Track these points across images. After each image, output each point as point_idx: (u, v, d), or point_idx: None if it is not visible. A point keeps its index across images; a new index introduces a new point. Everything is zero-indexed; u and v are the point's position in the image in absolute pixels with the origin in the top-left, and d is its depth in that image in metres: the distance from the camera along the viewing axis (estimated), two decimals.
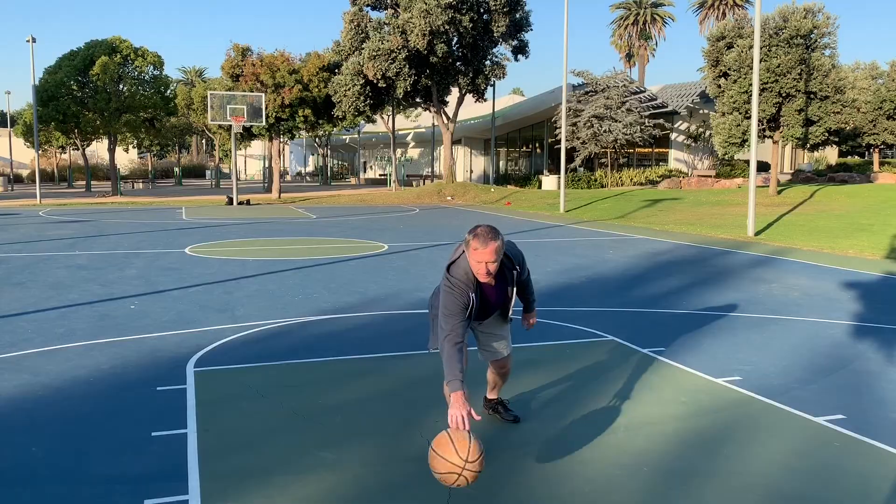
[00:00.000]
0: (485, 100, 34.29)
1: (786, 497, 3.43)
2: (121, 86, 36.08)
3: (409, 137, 51.22)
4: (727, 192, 26.24)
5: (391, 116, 38.85)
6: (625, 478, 3.64)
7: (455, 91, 33.11)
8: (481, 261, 3.55)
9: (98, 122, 36.18)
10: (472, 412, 3.30)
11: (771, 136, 23.77)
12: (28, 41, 29.41)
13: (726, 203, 22.64)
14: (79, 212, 23.48)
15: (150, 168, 58.44)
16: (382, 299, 8.30)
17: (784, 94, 22.46)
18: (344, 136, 57.34)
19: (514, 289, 3.96)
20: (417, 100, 33.26)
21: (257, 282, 9.52)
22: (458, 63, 31.21)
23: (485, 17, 29.83)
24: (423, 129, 48.04)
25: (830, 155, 40.59)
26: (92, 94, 35.24)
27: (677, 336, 6.59)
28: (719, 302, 8.24)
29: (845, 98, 23.17)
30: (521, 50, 31.82)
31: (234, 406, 4.67)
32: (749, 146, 19.77)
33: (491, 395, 4.49)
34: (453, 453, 3.11)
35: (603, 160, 36.79)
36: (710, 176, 33.80)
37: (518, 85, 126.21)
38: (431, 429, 4.28)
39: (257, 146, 68.10)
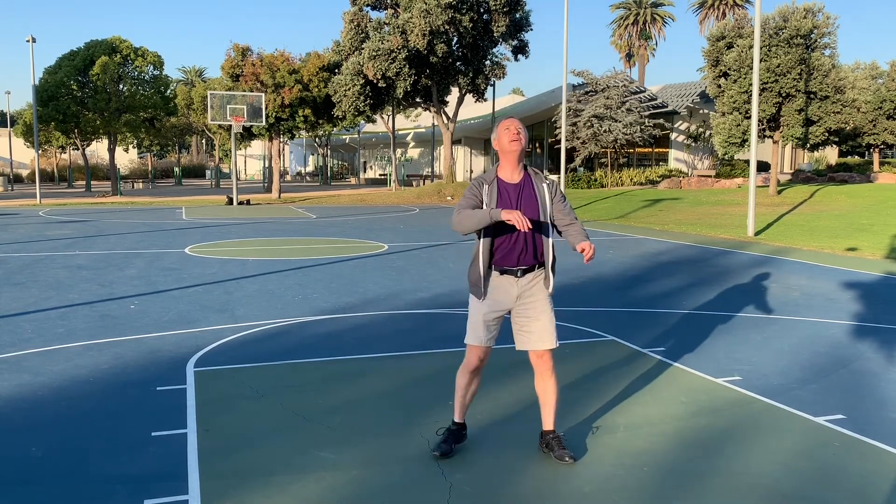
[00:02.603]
0: (485, 100, 34.29)
1: (786, 497, 3.43)
2: (121, 86, 36.10)
3: (409, 137, 51.24)
4: (727, 192, 26.24)
5: (391, 116, 38.87)
6: (625, 478, 3.64)
7: (455, 91, 33.11)
8: (510, 126, 3.71)
9: (98, 122, 36.20)
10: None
11: (771, 136, 23.77)
12: (28, 41, 29.42)
13: (726, 203, 22.64)
14: (79, 212, 23.48)
15: (150, 168, 58.46)
16: (382, 299, 8.30)
17: (784, 94, 22.46)
18: (344, 136, 57.37)
19: (551, 206, 3.74)
20: (417, 100, 33.25)
21: (257, 282, 9.52)
22: (458, 63, 31.20)
23: (485, 17, 29.83)
24: (423, 129, 48.05)
25: (830, 155, 40.58)
26: (92, 94, 35.26)
27: (677, 336, 6.59)
28: (719, 302, 8.24)
29: (845, 98, 23.16)
30: (521, 50, 31.81)
31: (234, 406, 4.66)
32: (749, 146, 19.77)
33: (546, 425, 3.92)
34: None
35: (603, 160, 36.79)
36: (710, 176, 33.79)
37: (518, 85, 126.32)
38: (431, 429, 4.28)
39: (257, 146, 68.18)
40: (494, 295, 3.77)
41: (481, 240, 3.72)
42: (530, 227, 3.45)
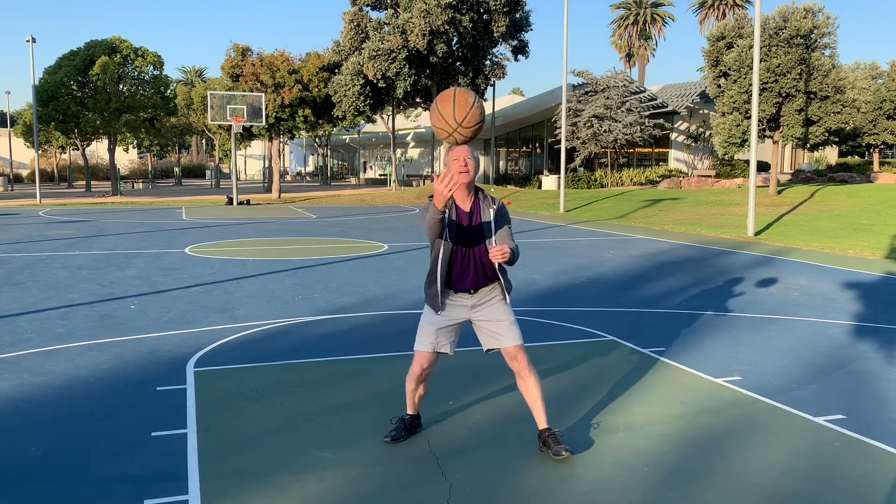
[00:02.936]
0: (485, 100, 34.29)
1: (786, 497, 3.43)
2: (121, 86, 36.09)
3: (409, 137, 51.22)
4: (727, 192, 26.24)
5: (391, 116, 38.87)
6: (625, 478, 3.64)
7: None
8: (459, 157, 3.80)
9: (98, 122, 36.19)
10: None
11: (771, 136, 23.76)
12: (28, 41, 29.41)
13: (726, 203, 22.64)
14: (79, 212, 23.48)
15: (150, 168, 58.46)
16: (382, 299, 8.30)
17: (784, 94, 22.45)
18: (344, 136, 57.36)
19: (493, 218, 3.85)
20: (417, 100, 33.26)
21: (257, 282, 9.52)
22: (458, 63, 31.21)
23: (485, 17, 29.84)
24: (423, 129, 48.04)
25: (830, 155, 40.58)
26: (92, 94, 35.25)
27: (677, 336, 6.59)
28: (719, 302, 8.24)
29: (845, 98, 23.15)
30: (521, 50, 31.83)
31: (234, 406, 4.67)
32: (749, 146, 19.77)
33: (540, 424, 3.95)
34: (450, 113, 3.63)
35: (603, 160, 36.79)
36: (710, 176, 33.79)
37: (518, 85, 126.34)
38: (431, 429, 4.28)
39: (257, 146, 68.17)
40: (449, 308, 3.94)
41: (439, 262, 3.84)
42: (467, 170, 3.72)
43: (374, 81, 29.26)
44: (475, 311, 3.93)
